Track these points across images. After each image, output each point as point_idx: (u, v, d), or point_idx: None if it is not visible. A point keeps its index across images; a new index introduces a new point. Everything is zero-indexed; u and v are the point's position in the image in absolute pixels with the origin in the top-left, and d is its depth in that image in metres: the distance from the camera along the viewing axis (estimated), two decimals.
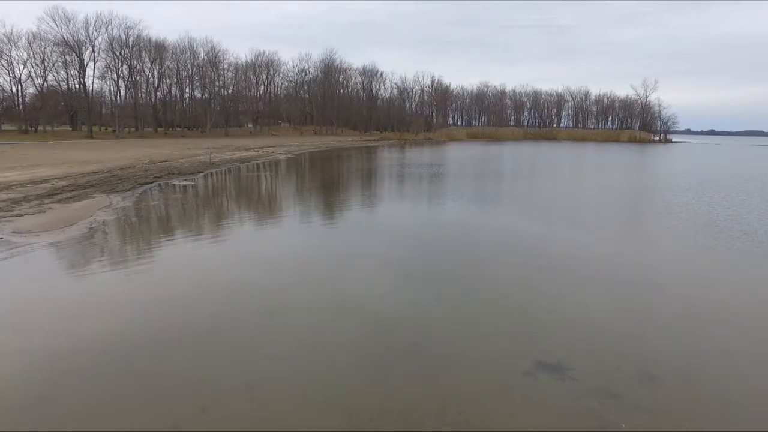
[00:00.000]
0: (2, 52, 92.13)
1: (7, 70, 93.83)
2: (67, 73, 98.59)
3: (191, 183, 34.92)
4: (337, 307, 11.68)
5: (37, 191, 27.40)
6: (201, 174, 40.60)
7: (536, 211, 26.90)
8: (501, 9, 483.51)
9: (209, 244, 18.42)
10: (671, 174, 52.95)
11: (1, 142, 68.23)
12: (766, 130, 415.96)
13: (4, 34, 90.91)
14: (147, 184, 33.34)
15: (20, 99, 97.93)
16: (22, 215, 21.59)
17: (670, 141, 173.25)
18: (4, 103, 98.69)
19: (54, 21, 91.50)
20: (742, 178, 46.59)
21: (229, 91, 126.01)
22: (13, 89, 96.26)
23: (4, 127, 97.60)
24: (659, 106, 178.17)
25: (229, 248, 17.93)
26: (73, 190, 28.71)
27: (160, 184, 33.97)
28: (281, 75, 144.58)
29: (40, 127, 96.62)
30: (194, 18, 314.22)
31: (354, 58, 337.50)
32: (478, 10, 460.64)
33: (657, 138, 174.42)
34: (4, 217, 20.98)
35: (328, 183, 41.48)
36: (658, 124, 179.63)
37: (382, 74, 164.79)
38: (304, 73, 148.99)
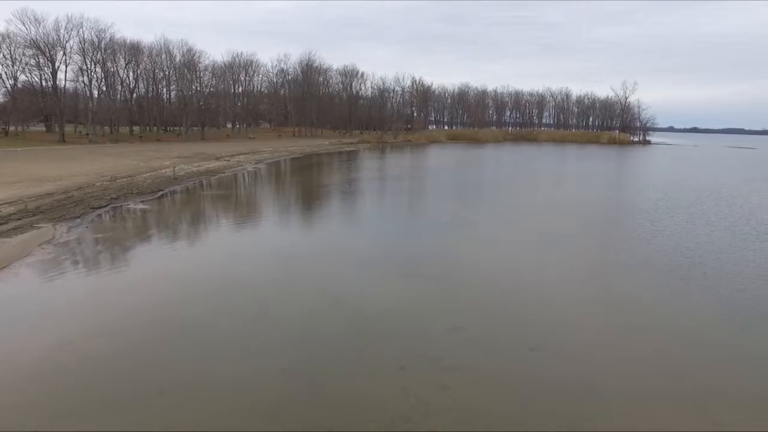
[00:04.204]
0: None
1: None
2: (40, 75, 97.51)
3: (146, 207, 34.78)
4: None
5: None
6: (160, 193, 40.44)
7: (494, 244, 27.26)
8: (487, 6, 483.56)
9: (145, 290, 18.38)
10: (637, 190, 53.78)
11: None
12: (746, 128, 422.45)
13: None
14: (101, 208, 33.16)
15: None
16: None
17: (649, 142, 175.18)
18: None
19: (23, 23, 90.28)
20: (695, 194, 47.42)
21: (207, 92, 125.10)
22: None
23: None
24: (639, 107, 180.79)
25: (166, 296, 17.90)
26: (20, 218, 28.49)
27: (114, 207, 33.83)
28: (260, 76, 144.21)
29: (12, 128, 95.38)
30: (174, 13, 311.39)
31: (337, 53, 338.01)
32: (464, 8, 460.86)
33: (636, 139, 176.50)
34: None
35: (290, 205, 41.68)
36: (638, 124, 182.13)
37: (362, 75, 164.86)
38: (284, 74, 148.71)
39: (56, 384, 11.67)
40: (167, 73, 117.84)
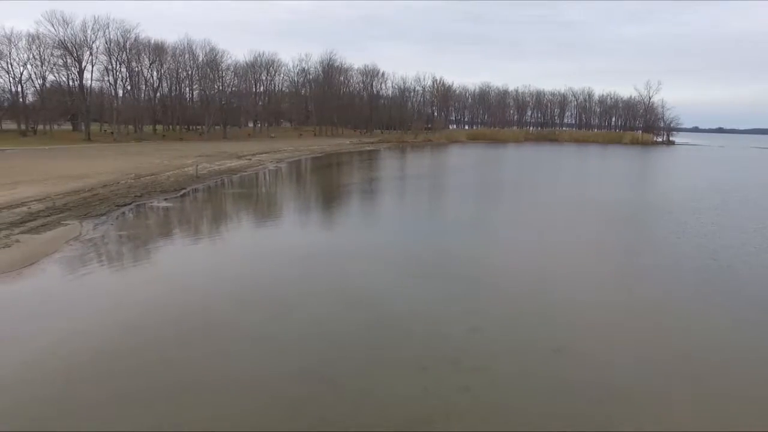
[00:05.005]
0: (2, 53, 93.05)
1: (7, 72, 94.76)
2: (68, 75, 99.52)
3: (169, 205, 35.23)
4: None
5: (10, 218, 27.72)
6: (183, 191, 40.93)
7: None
8: (506, 6, 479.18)
9: (167, 288, 18.61)
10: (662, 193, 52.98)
11: None
12: None
13: (4, 36, 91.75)
14: (125, 205, 33.68)
15: (22, 100, 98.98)
16: None
17: (673, 143, 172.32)
18: (5, 103, 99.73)
19: (52, 24, 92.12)
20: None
21: (229, 92, 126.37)
22: (13, 90, 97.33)
23: (6, 126, 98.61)
24: (662, 107, 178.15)
25: (185, 296, 18.12)
26: (48, 215, 29.07)
27: (138, 205, 34.33)
28: (282, 75, 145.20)
29: (40, 127, 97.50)
30: (196, 13, 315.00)
31: (358, 53, 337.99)
32: (484, 7, 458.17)
33: (660, 139, 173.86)
34: None
35: (311, 204, 41.94)
36: (662, 124, 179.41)
37: (383, 74, 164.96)
38: (305, 73, 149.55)
39: (77, 379, 11.89)
40: (190, 72, 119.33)
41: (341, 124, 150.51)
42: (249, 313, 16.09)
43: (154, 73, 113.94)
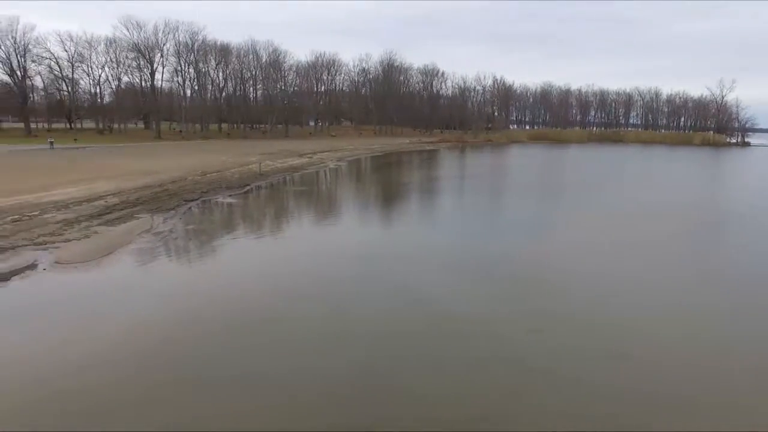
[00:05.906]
0: (84, 56, 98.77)
1: (87, 74, 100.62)
2: (140, 76, 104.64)
3: (233, 200, 36.55)
4: None
5: (89, 210, 29.58)
6: (247, 187, 42.36)
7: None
8: (563, 4, 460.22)
9: (228, 281, 19.41)
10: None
11: (77, 146, 73.42)
12: None
13: (86, 41, 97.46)
14: (192, 201, 35.20)
15: (100, 100, 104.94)
16: (69, 240, 23.54)
17: (748, 144, 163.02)
18: (86, 104, 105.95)
19: (127, 28, 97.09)
20: None
21: (291, 91, 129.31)
22: (92, 91, 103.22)
23: (86, 125, 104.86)
24: (737, 106, 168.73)
25: (253, 296, 18.86)
26: (122, 209, 30.80)
27: (204, 200, 35.78)
28: (342, 75, 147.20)
29: (115, 126, 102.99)
30: (259, 14, 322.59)
31: (416, 53, 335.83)
32: (540, 6, 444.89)
33: (733, 141, 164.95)
34: (53, 243, 22.97)
35: (370, 203, 42.42)
36: (736, 125, 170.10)
37: (443, 74, 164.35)
38: (365, 73, 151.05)
39: (136, 366, 12.61)
40: (254, 72, 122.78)
41: (401, 124, 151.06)
42: (307, 308, 16.52)
43: (220, 74, 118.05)
